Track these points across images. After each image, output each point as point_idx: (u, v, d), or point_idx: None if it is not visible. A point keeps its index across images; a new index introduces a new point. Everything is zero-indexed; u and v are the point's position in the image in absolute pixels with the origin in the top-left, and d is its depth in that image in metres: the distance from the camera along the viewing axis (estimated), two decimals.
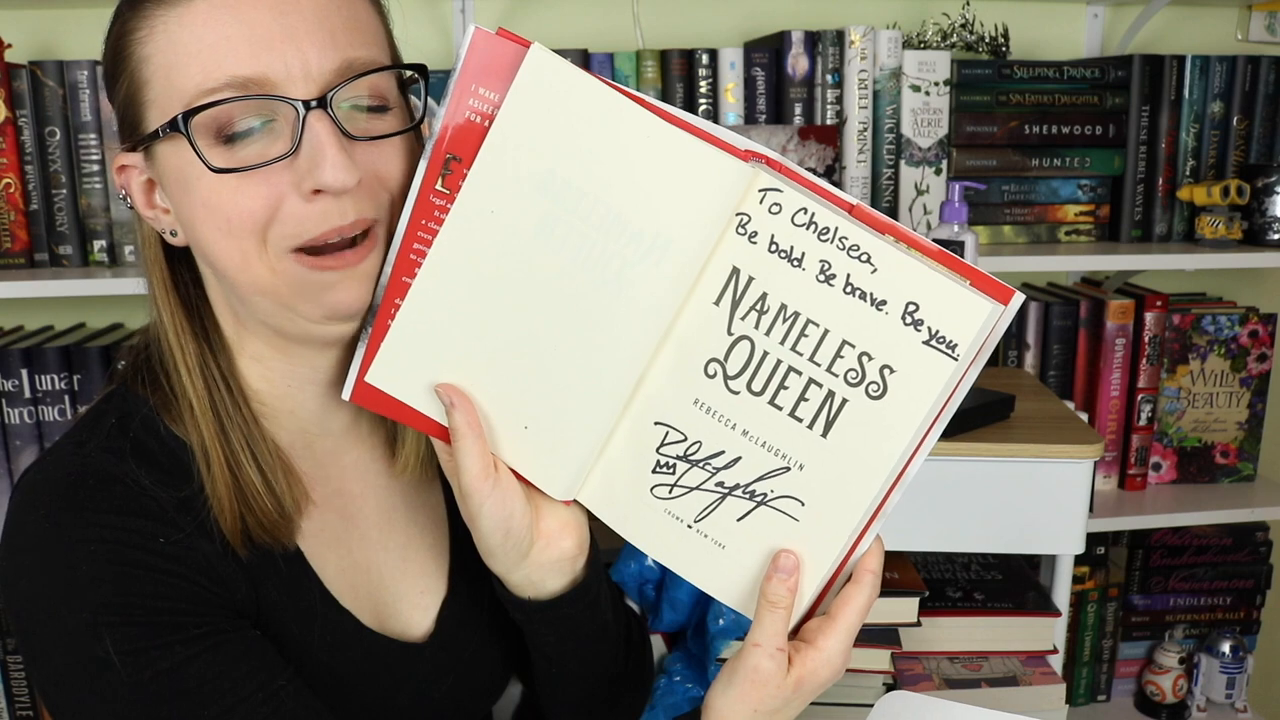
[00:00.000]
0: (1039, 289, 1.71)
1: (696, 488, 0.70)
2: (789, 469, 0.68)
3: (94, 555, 0.67)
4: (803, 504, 0.68)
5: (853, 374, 0.65)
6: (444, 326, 0.69)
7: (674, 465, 0.70)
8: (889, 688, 1.23)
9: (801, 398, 0.67)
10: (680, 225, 0.66)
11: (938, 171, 1.52)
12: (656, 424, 0.70)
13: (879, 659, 1.23)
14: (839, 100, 1.48)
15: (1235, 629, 1.72)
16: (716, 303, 0.67)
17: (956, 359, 0.63)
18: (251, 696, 0.69)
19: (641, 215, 0.66)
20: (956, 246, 1.28)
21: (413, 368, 0.70)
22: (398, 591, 0.84)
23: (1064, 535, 1.20)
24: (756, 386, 0.67)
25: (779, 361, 0.67)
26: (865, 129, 1.48)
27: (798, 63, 1.46)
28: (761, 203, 0.66)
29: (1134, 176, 1.56)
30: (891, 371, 0.65)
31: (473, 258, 0.68)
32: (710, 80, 1.46)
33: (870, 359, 0.65)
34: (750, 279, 0.66)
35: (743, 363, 0.67)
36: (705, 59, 1.46)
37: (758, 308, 0.67)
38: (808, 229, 0.65)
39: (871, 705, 0.95)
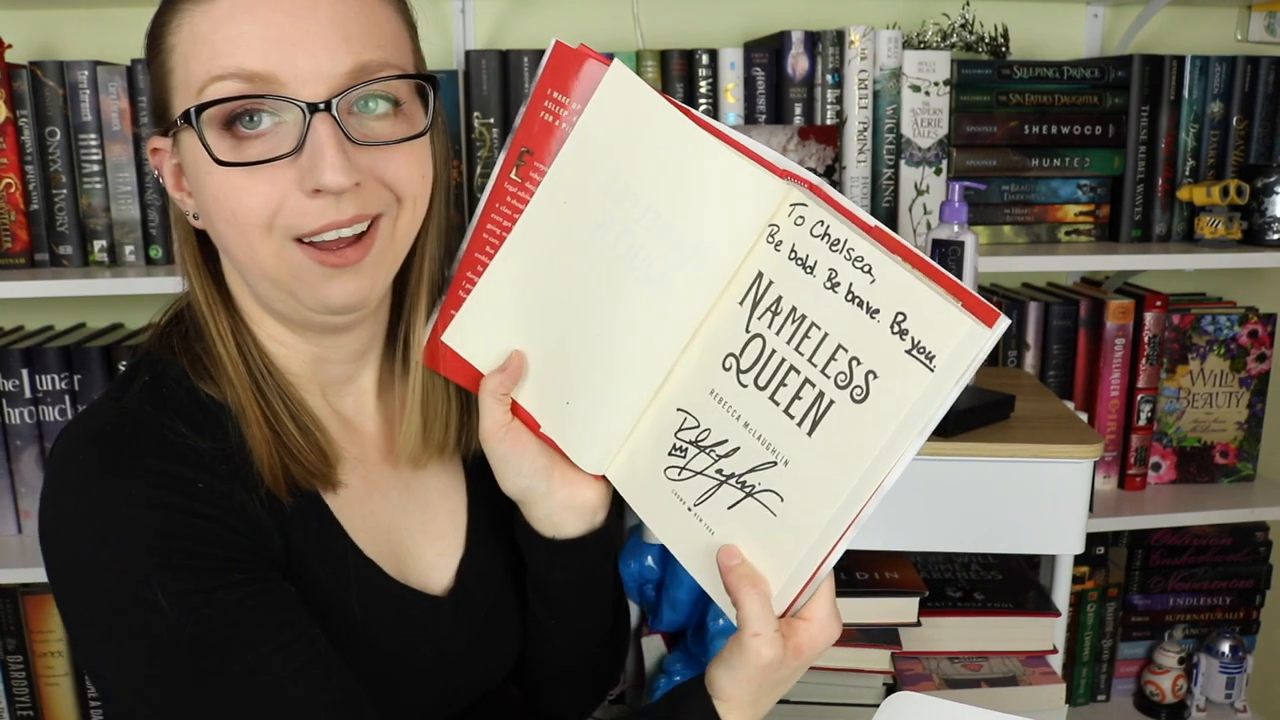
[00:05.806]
0: (1039, 289, 1.71)
1: (700, 472, 0.74)
2: (776, 463, 0.71)
3: (134, 499, 0.68)
4: (782, 499, 0.71)
5: (842, 377, 0.68)
6: (512, 301, 0.79)
7: (686, 450, 0.75)
8: (889, 688, 1.23)
9: (796, 395, 0.70)
10: (721, 236, 0.73)
11: (938, 171, 1.52)
12: (678, 410, 0.76)
13: (879, 659, 1.23)
14: (839, 100, 1.48)
15: (1235, 629, 1.72)
16: (740, 303, 0.73)
17: (934, 370, 0.65)
18: (289, 644, 0.70)
19: (688, 224, 0.73)
20: (956, 247, 1.28)
21: (482, 333, 0.81)
22: (417, 553, 0.87)
23: (1064, 535, 1.20)
24: (762, 381, 0.71)
25: (783, 359, 0.71)
26: (865, 129, 1.48)
27: (798, 63, 1.46)
28: (789, 215, 0.71)
29: (1134, 176, 1.56)
30: (875, 377, 0.67)
31: (543, 243, 0.77)
32: (710, 80, 1.46)
33: (859, 364, 0.68)
34: (770, 283, 0.72)
35: (754, 358, 0.72)
36: (705, 59, 1.46)
37: (773, 309, 0.71)
38: (822, 239, 0.70)
39: (872, 705, 0.96)
